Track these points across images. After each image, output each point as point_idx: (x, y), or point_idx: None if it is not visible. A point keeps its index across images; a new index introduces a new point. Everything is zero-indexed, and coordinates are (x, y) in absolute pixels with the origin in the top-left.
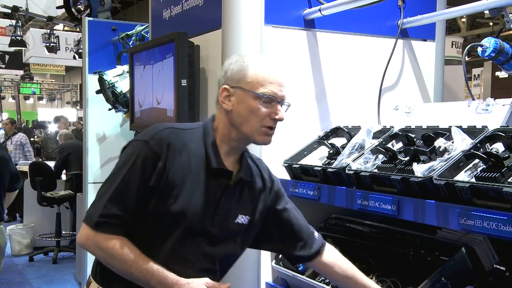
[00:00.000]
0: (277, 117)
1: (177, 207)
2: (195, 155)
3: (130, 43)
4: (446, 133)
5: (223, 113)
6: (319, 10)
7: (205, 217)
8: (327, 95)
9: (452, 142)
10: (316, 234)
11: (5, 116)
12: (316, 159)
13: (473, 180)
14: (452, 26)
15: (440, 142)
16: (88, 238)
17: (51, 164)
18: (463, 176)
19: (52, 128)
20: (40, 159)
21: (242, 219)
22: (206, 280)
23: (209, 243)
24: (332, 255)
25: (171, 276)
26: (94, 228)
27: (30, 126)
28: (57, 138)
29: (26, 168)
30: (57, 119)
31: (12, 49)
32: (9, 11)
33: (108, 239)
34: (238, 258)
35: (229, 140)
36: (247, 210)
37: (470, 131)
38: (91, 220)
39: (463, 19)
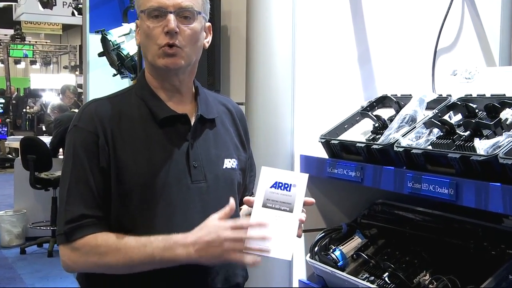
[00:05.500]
0: (166, 29)
1: (139, 179)
2: (137, 115)
3: None
4: None
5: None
6: None
7: (180, 175)
8: (372, 58)
9: None
10: None
11: None
12: (359, 134)
13: None
14: None
15: (507, 114)
16: (69, 257)
17: (47, 140)
18: None
19: (51, 98)
20: (33, 134)
21: (229, 163)
22: (214, 216)
23: (202, 203)
24: None
25: (175, 236)
26: (67, 240)
27: (22, 95)
28: (48, 111)
29: (17, 145)
30: (63, 91)
31: (0, 4)
32: None
33: (88, 241)
34: None
35: (157, 81)
36: (230, 152)
37: None
38: (61, 235)
39: None
